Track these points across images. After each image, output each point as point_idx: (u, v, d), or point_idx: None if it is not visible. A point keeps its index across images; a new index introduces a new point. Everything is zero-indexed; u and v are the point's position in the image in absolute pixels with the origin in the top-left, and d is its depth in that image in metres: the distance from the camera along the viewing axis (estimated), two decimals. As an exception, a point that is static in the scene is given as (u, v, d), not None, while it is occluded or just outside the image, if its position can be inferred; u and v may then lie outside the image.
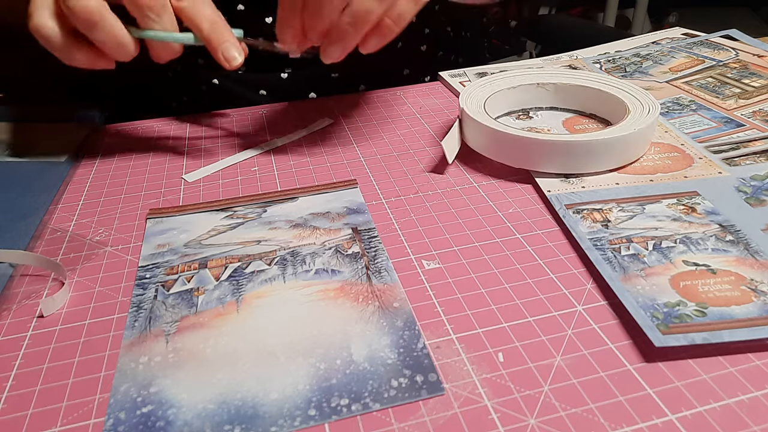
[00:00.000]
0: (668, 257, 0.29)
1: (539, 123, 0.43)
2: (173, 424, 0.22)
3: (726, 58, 0.52)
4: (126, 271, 0.31)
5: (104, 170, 0.42)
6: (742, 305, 0.26)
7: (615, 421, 0.22)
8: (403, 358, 0.25)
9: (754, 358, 0.24)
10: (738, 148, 0.38)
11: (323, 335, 0.26)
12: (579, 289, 0.28)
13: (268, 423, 0.22)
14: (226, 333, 0.26)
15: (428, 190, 0.37)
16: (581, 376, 0.24)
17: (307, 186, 0.38)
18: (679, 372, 0.24)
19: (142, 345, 0.26)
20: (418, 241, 0.32)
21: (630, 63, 0.54)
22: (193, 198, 0.38)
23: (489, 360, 0.25)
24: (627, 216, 0.32)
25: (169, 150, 0.44)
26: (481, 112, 0.39)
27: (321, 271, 0.30)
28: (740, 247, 0.29)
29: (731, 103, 0.44)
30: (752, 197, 0.33)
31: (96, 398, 0.24)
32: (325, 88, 0.56)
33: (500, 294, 0.28)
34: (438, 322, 0.27)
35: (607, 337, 0.25)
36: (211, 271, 0.30)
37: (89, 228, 0.35)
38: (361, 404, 0.23)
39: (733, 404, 0.22)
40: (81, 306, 0.29)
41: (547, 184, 0.35)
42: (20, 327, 0.28)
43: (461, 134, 0.41)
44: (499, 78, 0.45)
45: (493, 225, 0.33)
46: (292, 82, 0.55)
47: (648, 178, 0.35)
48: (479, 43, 0.73)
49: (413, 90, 0.53)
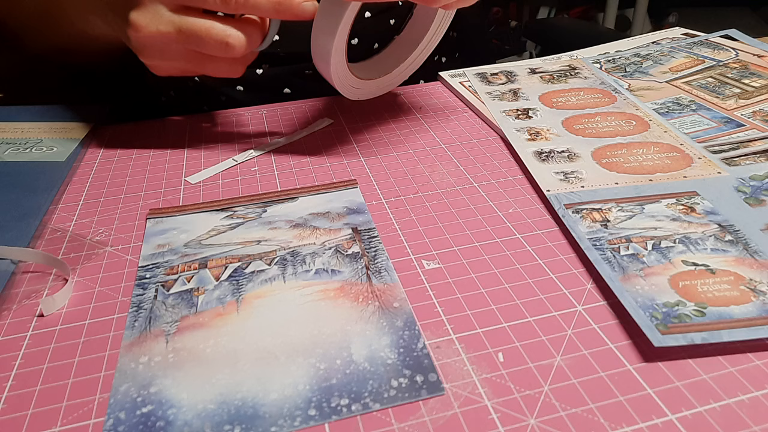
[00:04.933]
0: (667, 257, 0.29)
1: (539, 123, 0.43)
2: (173, 424, 0.22)
3: (726, 58, 0.52)
4: (126, 271, 0.31)
5: (104, 170, 0.42)
6: (741, 305, 0.26)
7: (615, 421, 0.22)
8: (403, 358, 0.25)
9: (753, 358, 0.24)
10: (738, 148, 0.38)
11: (323, 335, 0.26)
12: (579, 289, 0.28)
13: (268, 423, 0.22)
14: (226, 333, 0.26)
15: (428, 190, 0.37)
16: (581, 376, 0.24)
17: (307, 186, 0.38)
18: (679, 372, 0.24)
19: (142, 345, 0.26)
20: (418, 241, 0.32)
21: (630, 63, 0.54)
22: (193, 198, 0.38)
23: (489, 360, 0.25)
24: (626, 216, 0.32)
25: (169, 150, 0.44)
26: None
27: (321, 271, 0.30)
28: (739, 247, 0.29)
29: (731, 103, 0.44)
30: (751, 197, 0.33)
31: (96, 398, 0.24)
32: (300, 84, 0.56)
33: (500, 294, 0.28)
34: (438, 322, 0.27)
35: (607, 337, 0.25)
36: (211, 271, 0.30)
37: (89, 228, 0.35)
38: (361, 404, 0.23)
39: (733, 404, 0.22)
40: (81, 306, 0.29)
41: (547, 184, 0.36)
42: (20, 327, 0.28)
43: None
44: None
45: (493, 225, 0.33)
46: (268, 79, 0.55)
47: (647, 178, 0.35)
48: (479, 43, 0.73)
49: (413, 90, 0.53)
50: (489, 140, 0.43)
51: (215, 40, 0.36)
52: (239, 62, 0.39)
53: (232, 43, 0.36)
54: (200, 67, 0.39)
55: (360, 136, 0.45)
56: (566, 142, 0.40)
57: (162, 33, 0.36)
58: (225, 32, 0.36)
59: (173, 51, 0.38)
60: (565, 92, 0.48)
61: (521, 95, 0.48)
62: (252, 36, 0.37)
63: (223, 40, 0.36)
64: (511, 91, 0.49)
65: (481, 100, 0.48)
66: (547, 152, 0.39)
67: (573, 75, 0.52)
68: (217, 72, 0.39)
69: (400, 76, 0.48)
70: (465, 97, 0.50)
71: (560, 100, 0.47)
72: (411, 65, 0.48)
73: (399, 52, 0.47)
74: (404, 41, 0.48)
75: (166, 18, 0.36)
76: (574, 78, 0.51)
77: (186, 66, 0.39)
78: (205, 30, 0.36)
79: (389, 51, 0.48)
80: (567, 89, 0.49)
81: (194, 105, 0.56)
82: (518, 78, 0.52)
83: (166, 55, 0.38)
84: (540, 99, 0.47)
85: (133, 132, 0.47)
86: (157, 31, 0.36)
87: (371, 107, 0.50)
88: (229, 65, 0.39)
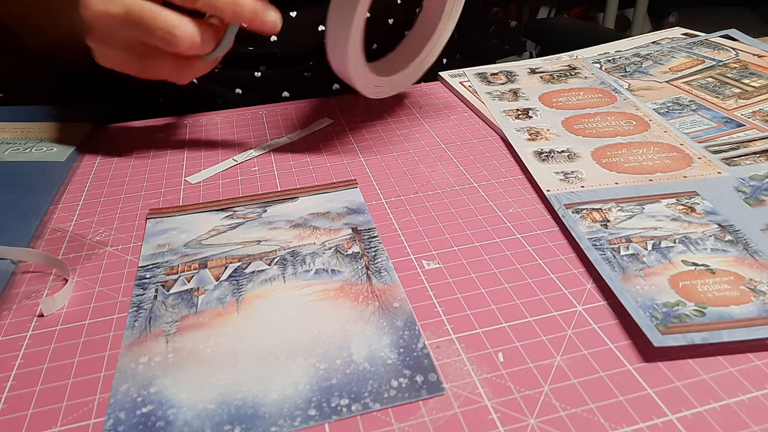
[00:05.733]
0: (667, 257, 0.29)
1: (539, 123, 0.43)
2: (173, 424, 0.22)
3: (726, 58, 0.52)
4: (126, 271, 0.31)
5: (104, 170, 0.42)
6: (741, 305, 0.26)
7: (615, 421, 0.22)
8: (403, 358, 0.25)
9: (754, 358, 0.24)
10: (738, 148, 0.38)
11: (323, 335, 0.26)
12: (579, 289, 0.28)
13: (268, 423, 0.22)
14: (226, 333, 0.26)
15: (428, 190, 0.37)
16: (581, 376, 0.24)
17: (307, 186, 0.38)
18: (679, 372, 0.24)
19: (142, 345, 0.26)
20: (418, 241, 0.32)
21: (630, 63, 0.54)
22: (193, 198, 0.38)
23: (489, 360, 0.25)
24: (626, 216, 0.32)
25: (169, 150, 0.44)
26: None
27: (321, 271, 0.30)
28: (739, 247, 0.29)
29: (731, 103, 0.44)
30: (751, 197, 0.33)
31: (96, 398, 0.24)
32: (299, 87, 0.56)
33: (500, 294, 0.28)
34: (438, 322, 0.27)
35: (607, 337, 0.25)
36: (211, 271, 0.30)
37: (89, 228, 0.35)
38: (361, 404, 0.23)
39: (733, 404, 0.22)
40: (81, 306, 0.29)
41: (547, 184, 0.36)
42: (20, 327, 0.28)
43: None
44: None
45: (493, 225, 0.33)
46: (266, 81, 0.55)
47: (647, 178, 0.35)
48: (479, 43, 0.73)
49: (413, 90, 0.53)
50: (489, 140, 0.43)
51: (161, 27, 0.34)
52: (186, 66, 0.37)
53: (178, 34, 0.34)
54: (143, 62, 0.36)
55: (360, 136, 0.45)
56: (566, 142, 0.40)
57: (109, 13, 0.34)
58: (172, 21, 0.34)
59: (119, 38, 0.36)
60: (565, 92, 0.48)
61: (521, 95, 0.48)
62: (205, 38, 0.35)
63: (169, 30, 0.34)
64: (511, 91, 0.49)
65: (481, 100, 0.48)
66: (547, 152, 0.39)
67: (573, 75, 0.52)
68: (160, 72, 0.37)
69: (417, 70, 0.48)
70: (465, 97, 0.50)
71: (560, 100, 0.47)
72: (426, 59, 0.48)
73: (412, 48, 0.47)
74: (416, 36, 0.48)
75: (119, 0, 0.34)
76: (574, 78, 0.51)
77: (129, 58, 0.37)
78: (153, 16, 0.34)
79: (402, 48, 0.48)
80: (567, 89, 0.49)
81: (191, 108, 0.56)
82: (518, 78, 0.52)
83: (111, 41, 0.36)
84: (540, 99, 0.47)
85: (133, 132, 0.47)
86: (105, 10, 0.34)
87: (371, 107, 0.50)
88: (175, 66, 0.37)
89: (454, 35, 0.65)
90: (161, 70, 0.37)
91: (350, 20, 0.36)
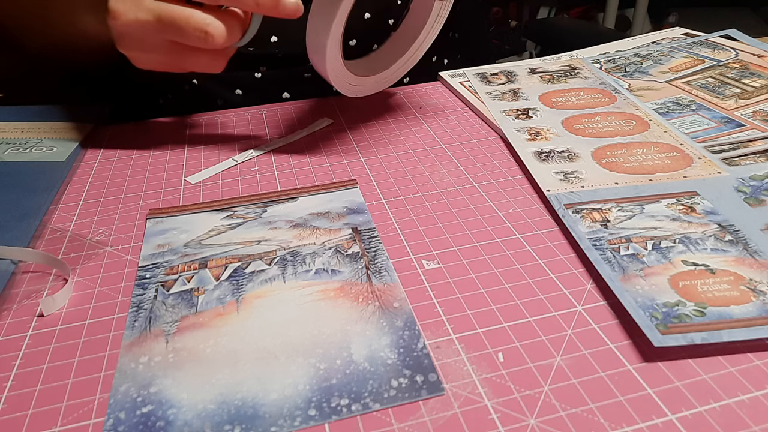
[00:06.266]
0: (667, 257, 0.29)
1: (539, 123, 0.43)
2: (173, 424, 0.22)
3: (726, 58, 0.52)
4: (126, 271, 0.31)
5: (104, 170, 0.42)
6: (741, 305, 0.26)
7: (615, 421, 0.22)
8: (403, 358, 0.25)
9: (754, 358, 0.24)
10: (738, 148, 0.38)
11: (323, 335, 0.26)
12: (579, 289, 0.28)
13: (268, 423, 0.22)
14: (226, 333, 0.26)
15: (428, 190, 0.37)
16: (581, 376, 0.24)
17: (307, 186, 0.38)
18: (679, 372, 0.24)
19: (142, 345, 0.26)
20: (418, 241, 0.32)
21: (630, 63, 0.54)
22: (193, 198, 0.38)
23: (489, 360, 0.25)
24: (626, 216, 0.32)
25: (169, 150, 0.44)
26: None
27: (321, 271, 0.30)
28: (739, 247, 0.29)
29: (731, 103, 0.44)
30: (751, 197, 0.33)
31: (96, 398, 0.24)
32: (299, 88, 0.56)
33: (500, 294, 0.28)
34: (438, 322, 0.27)
35: (607, 337, 0.25)
36: (211, 271, 0.30)
37: (89, 228, 0.35)
38: (361, 404, 0.23)
39: (733, 404, 0.22)
40: (81, 306, 0.29)
41: (547, 184, 0.36)
42: (20, 327, 0.28)
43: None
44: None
45: (493, 225, 0.33)
46: (266, 82, 0.55)
47: (647, 178, 0.35)
48: (479, 43, 0.73)
49: (413, 90, 0.53)
50: (489, 140, 0.43)
51: (194, 28, 0.35)
52: (220, 56, 0.38)
53: (212, 32, 0.35)
54: (180, 59, 0.38)
55: (360, 136, 0.45)
56: (566, 142, 0.40)
57: (140, 21, 0.35)
58: (205, 21, 0.35)
59: (153, 42, 0.37)
60: (565, 92, 0.48)
61: (521, 95, 0.48)
62: (232, 28, 0.37)
63: (203, 29, 0.35)
64: (511, 91, 0.49)
65: (481, 100, 0.48)
66: (547, 152, 0.39)
67: (573, 75, 0.52)
68: (197, 66, 0.38)
69: (397, 73, 0.48)
70: (465, 97, 0.50)
71: (560, 100, 0.47)
72: (408, 61, 0.48)
73: (396, 48, 0.47)
74: (401, 37, 0.48)
75: (146, 5, 0.35)
76: (574, 78, 0.51)
77: (165, 58, 0.38)
78: (185, 18, 0.35)
79: (386, 47, 0.48)
80: (567, 89, 0.49)
81: (191, 108, 0.56)
82: (518, 78, 0.52)
83: (146, 46, 0.37)
84: (540, 99, 0.47)
85: (133, 132, 0.47)
86: (136, 18, 0.35)
87: (371, 107, 0.50)
88: (209, 58, 0.38)
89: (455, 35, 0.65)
90: (196, 63, 0.38)
91: (332, 18, 0.36)
